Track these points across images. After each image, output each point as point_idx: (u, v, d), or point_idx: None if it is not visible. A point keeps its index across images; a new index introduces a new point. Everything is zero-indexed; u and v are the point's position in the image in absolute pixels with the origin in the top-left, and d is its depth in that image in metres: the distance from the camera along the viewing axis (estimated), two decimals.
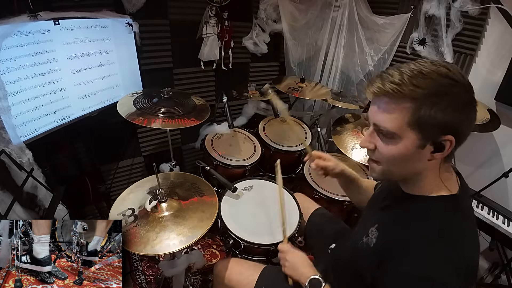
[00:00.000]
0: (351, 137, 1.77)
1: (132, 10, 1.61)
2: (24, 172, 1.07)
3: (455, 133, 0.61)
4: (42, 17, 1.21)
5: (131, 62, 1.69)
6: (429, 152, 0.63)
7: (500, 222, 1.45)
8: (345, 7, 2.19)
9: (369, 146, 0.70)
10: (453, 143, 0.61)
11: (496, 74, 1.66)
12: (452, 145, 0.62)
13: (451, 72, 0.59)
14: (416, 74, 0.59)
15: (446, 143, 0.61)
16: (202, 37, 1.97)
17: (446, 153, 0.63)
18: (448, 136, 0.60)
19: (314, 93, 2.09)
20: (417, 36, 1.93)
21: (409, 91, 0.59)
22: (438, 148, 0.62)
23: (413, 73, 0.60)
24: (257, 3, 2.10)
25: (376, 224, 0.76)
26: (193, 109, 1.51)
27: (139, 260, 1.81)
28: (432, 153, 0.63)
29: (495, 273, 1.75)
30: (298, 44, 2.35)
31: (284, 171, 1.97)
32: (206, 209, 1.07)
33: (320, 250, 1.21)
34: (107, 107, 1.62)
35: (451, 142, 0.61)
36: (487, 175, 1.65)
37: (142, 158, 2.16)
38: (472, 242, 0.66)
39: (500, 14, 1.59)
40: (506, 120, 1.63)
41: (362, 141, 0.71)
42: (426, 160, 0.65)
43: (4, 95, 1.10)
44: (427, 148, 0.63)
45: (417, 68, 0.60)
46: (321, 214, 1.35)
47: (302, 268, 0.94)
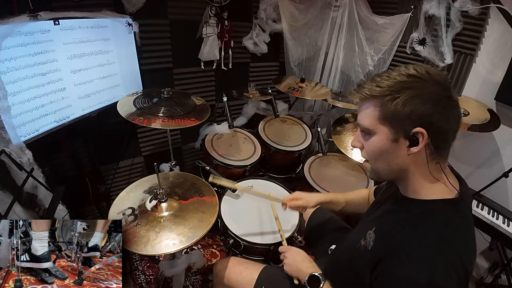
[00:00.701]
0: (351, 137, 1.76)
1: (132, 10, 1.61)
2: (24, 172, 1.06)
3: (426, 126, 0.62)
4: (42, 17, 1.20)
5: (131, 62, 1.68)
6: (405, 147, 0.66)
7: (500, 222, 1.45)
8: (345, 7, 2.19)
9: (357, 144, 0.77)
10: (425, 135, 0.63)
11: (496, 74, 1.66)
12: (424, 138, 0.63)
13: (418, 72, 0.64)
14: (382, 77, 0.67)
15: (418, 135, 0.63)
16: (202, 37, 1.97)
17: (421, 146, 0.64)
18: (418, 128, 0.63)
19: (314, 93, 2.09)
20: (417, 36, 1.93)
21: (374, 91, 0.67)
22: (412, 142, 0.65)
23: (380, 77, 0.67)
24: (257, 3, 2.10)
25: (374, 227, 0.76)
26: (193, 109, 1.51)
27: (139, 260, 1.81)
28: (408, 147, 0.66)
29: (495, 273, 1.75)
30: (298, 44, 2.35)
31: (284, 171, 1.99)
32: (206, 209, 1.07)
33: (320, 251, 1.21)
34: (107, 107, 1.62)
35: (423, 135, 0.63)
36: (487, 175, 1.65)
37: (142, 158, 2.16)
38: (468, 247, 0.66)
39: (500, 14, 1.59)
40: (506, 120, 1.63)
41: (352, 141, 0.79)
42: (406, 155, 0.67)
43: (4, 95, 1.09)
44: (402, 141, 0.66)
45: (386, 73, 0.68)
46: (321, 214, 1.35)
47: (302, 265, 0.95)
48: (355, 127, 1.84)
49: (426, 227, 0.65)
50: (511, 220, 1.46)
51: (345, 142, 1.76)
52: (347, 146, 1.73)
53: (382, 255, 0.67)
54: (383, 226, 0.75)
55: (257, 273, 1.06)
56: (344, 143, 1.75)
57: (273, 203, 1.28)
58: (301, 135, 2.07)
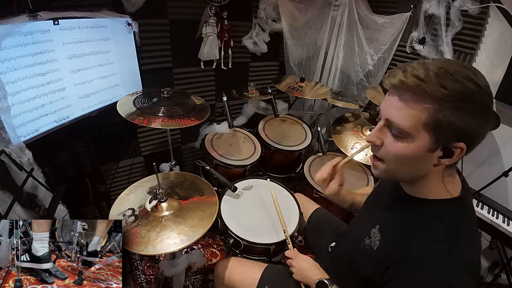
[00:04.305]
0: (351, 136, 1.77)
1: (132, 9, 1.61)
2: (24, 172, 1.06)
3: (468, 141, 0.58)
4: (42, 17, 1.20)
5: (130, 62, 1.68)
6: (437, 157, 0.61)
7: (500, 221, 1.46)
8: (344, 6, 2.19)
9: (376, 141, 0.66)
10: (463, 151, 0.59)
11: (496, 74, 1.66)
12: (462, 153, 0.60)
13: (476, 76, 0.56)
14: (443, 73, 0.55)
15: (456, 150, 0.59)
16: (202, 37, 1.97)
17: (454, 160, 0.61)
18: (461, 144, 0.58)
19: (314, 92, 2.09)
20: (417, 35, 1.93)
21: (433, 90, 0.55)
22: (447, 154, 0.60)
23: (439, 71, 0.55)
24: (256, 2, 2.10)
25: (378, 226, 0.75)
26: (193, 108, 1.51)
27: (139, 260, 1.81)
28: (439, 158, 0.61)
29: (495, 272, 1.76)
30: (298, 43, 2.35)
31: (284, 170, 1.99)
32: (206, 208, 1.07)
33: (320, 250, 1.21)
34: (107, 107, 1.61)
35: (462, 150, 0.59)
36: (487, 174, 1.65)
37: (142, 158, 2.16)
38: (476, 243, 0.66)
39: (500, 14, 1.59)
40: (506, 120, 1.63)
41: (370, 135, 0.67)
42: (432, 164, 0.63)
43: (4, 95, 1.09)
44: (436, 152, 0.61)
45: (444, 67, 0.56)
46: (321, 214, 1.35)
47: (309, 272, 0.95)
48: (355, 127, 1.84)
49: (437, 228, 0.64)
50: (511, 219, 1.46)
51: (345, 142, 1.76)
52: (347, 146, 1.73)
53: (393, 256, 0.66)
54: (389, 226, 0.73)
55: (259, 273, 1.06)
56: (344, 143, 1.75)
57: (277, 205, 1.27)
58: (301, 135, 2.07)
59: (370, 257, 0.73)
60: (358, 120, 1.91)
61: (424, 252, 0.61)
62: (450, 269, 0.58)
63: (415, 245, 0.63)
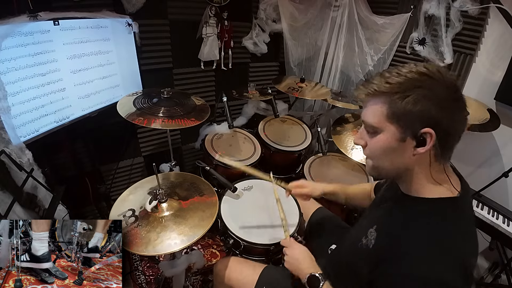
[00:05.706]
0: (351, 137, 1.77)
1: (132, 10, 1.62)
2: (24, 172, 1.06)
3: (435, 126, 0.62)
4: (42, 17, 1.21)
5: (131, 62, 1.69)
6: (411, 147, 0.65)
7: (500, 221, 1.45)
8: (344, 7, 2.19)
9: (360, 142, 0.75)
10: (433, 136, 0.62)
11: (496, 74, 1.66)
12: (432, 139, 0.62)
13: (429, 71, 0.63)
14: (392, 73, 0.65)
15: (426, 136, 0.63)
16: (202, 37, 1.97)
17: (428, 147, 0.63)
18: (427, 129, 0.62)
19: (314, 93, 2.09)
20: (417, 36, 1.93)
21: (383, 88, 0.65)
22: (420, 143, 0.64)
23: (390, 74, 0.65)
24: (257, 3, 2.10)
25: (375, 225, 0.76)
26: (193, 109, 1.51)
27: (139, 260, 1.81)
28: (415, 147, 0.65)
29: (495, 272, 1.75)
30: (298, 44, 2.35)
31: (284, 171, 1.99)
32: (206, 208, 1.07)
33: (320, 250, 1.20)
34: (107, 107, 1.62)
35: (431, 136, 0.62)
36: (487, 175, 1.65)
37: (142, 158, 2.16)
38: (471, 244, 0.66)
39: (500, 14, 1.59)
40: (506, 120, 1.63)
41: (355, 138, 0.78)
42: (411, 155, 0.66)
43: (4, 96, 1.10)
44: (409, 141, 0.65)
45: (396, 70, 0.65)
46: (322, 214, 1.35)
47: (302, 264, 0.93)
48: (355, 127, 1.84)
49: (429, 225, 0.65)
50: (511, 220, 1.46)
51: (345, 142, 1.76)
52: (347, 146, 1.73)
53: (385, 252, 0.67)
54: (385, 224, 0.74)
55: (258, 273, 1.06)
56: (344, 143, 1.75)
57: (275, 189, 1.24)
58: (301, 135, 2.07)
59: (365, 256, 0.73)
60: (358, 121, 1.91)
61: (415, 249, 0.62)
62: (442, 267, 0.59)
63: (407, 242, 0.64)
